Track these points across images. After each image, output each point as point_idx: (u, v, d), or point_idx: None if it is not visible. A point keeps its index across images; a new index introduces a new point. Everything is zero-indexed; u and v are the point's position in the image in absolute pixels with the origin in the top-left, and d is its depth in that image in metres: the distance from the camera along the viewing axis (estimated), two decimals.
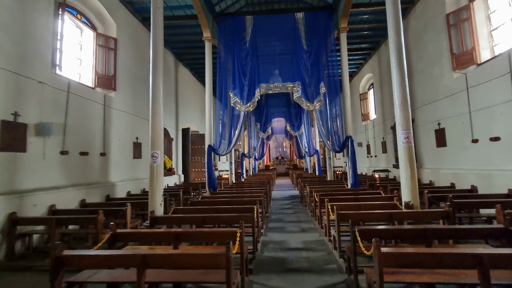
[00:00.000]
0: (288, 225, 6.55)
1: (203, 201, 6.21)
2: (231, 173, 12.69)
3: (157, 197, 5.08)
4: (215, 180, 8.81)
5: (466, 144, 7.09)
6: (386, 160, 12.54)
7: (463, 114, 7.20)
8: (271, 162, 28.26)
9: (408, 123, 4.99)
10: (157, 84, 5.30)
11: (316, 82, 8.91)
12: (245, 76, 9.22)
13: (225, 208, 5.01)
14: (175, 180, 11.82)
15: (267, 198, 8.40)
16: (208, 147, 8.90)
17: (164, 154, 10.88)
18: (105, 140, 7.42)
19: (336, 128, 8.81)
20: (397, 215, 4.06)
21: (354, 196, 6.04)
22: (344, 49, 9.10)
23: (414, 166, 4.90)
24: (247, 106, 9.10)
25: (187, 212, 5.00)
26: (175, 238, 3.14)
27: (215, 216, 4.28)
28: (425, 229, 3.02)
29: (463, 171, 7.22)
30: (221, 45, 9.53)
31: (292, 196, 12.18)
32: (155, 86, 5.29)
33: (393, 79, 5.18)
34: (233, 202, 6.08)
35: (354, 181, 8.38)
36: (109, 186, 7.38)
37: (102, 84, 7.59)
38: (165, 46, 11.62)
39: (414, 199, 4.79)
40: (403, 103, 5.02)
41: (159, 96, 5.32)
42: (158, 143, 5.20)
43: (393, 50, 5.18)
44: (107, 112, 7.60)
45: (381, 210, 4.87)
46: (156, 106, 5.23)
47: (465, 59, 7.19)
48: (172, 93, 12.46)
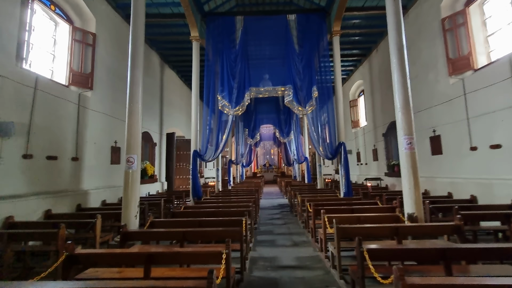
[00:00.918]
0: (278, 238, 6.01)
1: (185, 212, 5.60)
2: (217, 180, 12.07)
3: (132, 208, 4.45)
4: (200, 188, 8.19)
5: (464, 151, 6.83)
6: (377, 168, 12.27)
7: (460, 121, 6.96)
8: (259, 169, 27.73)
9: (411, 127, 4.63)
10: (135, 81, 4.74)
11: (308, 86, 8.54)
12: (234, 78, 8.75)
13: (210, 221, 4.44)
14: (157, 188, 11.09)
15: (256, 208, 7.86)
16: (194, 153, 8.31)
17: (146, 160, 10.20)
18: (78, 143, 6.72)
19: (329, 133, 8.42)
20: (404, 230, 3.61)
21: (350, 207, 5.59)
22: (337, 52, 8.79)
23: (418, 174, 4.51)
24: (235, 110, 8.60)
25: (166, 226, 4.40)
26: (147, 261, 2.56)
27: (198, 231, 3.71)
28: (444, 249, 2.57)
29: (461, 180, 6.93)
30: (210, 46, 9.04)
31: (281, 205, 11.67)
32: (134, 83, 4.73)
33: (394, 80, 4.83)
34: (219, 213, 5.51)
35: (347, 190, 7.96)
36: (81, 195, 6.65)
37: (77, 82, 6.93)
38: (151, 46, 11.07)
39: (419, 210, 4.37)
40: (405, 106, 4.66)
41: (138, 95, 4.75)
42: (134, 146, 4.61)
43: (394, 49, 4.83)
44: (82, 113, 6.92)
45: (383, 223, 4.43)
46: (134, 106, 4.65)
47: (462, 64, 6.99)
48: (156, 95, 11.82)
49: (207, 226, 4.46)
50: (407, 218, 4.42)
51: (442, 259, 2.59)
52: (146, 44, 10.76)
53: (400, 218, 4.43)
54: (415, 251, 2.60)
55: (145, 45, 10.72)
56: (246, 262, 4.31)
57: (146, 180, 10.05)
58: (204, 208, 6.16)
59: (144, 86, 10.68)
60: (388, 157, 10.97)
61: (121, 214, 4.52)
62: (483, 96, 6.32)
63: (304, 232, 6.49)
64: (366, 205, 6.08)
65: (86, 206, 6.68)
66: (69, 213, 5.91)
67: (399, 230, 3.60)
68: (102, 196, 7.37)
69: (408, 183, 4.48)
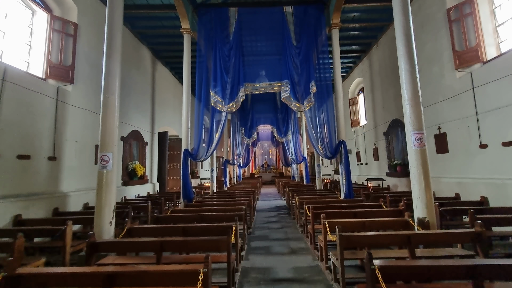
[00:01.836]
0: (274, 245, 5.51)
1: (171, 217, 5.08)
2: (212, 181, 11.54)
3: (106, 214, 3.93)
4: (191, 190, 7.67)
5: (473, 150, 6.36)
6: (378, 168, 11.80)
7: (468, 117, 6.49)
8: (257, 170, 27.23)
9: (420, 122, 4.15)
10: (112, 69, 4.22)
11: (306, 81, 8.05)
12: (228, 73, 8.25)
13: (195, 228, 3.93)
14: (148, 189, 10.55)
15: (250, 210, 7.34)
16: (184, 152, 7.79)
17: (136, 160, 9.66)
18: (56, 141, 6.18)
19: (328, 131, 7.93)
20: (417, 238, 3.11)
21: (353, 210, 5.10)
22: (337, 46, 8.32)
23: (429, 174, 4.03)
24: (229, 106, 8.09)
25: (145, 233, 3.88)
26: (105, 283, 2.05)
27: (179, 241, 3.19)
28: (475, 265, 2.07)
29: (469, 180, 6.46)
30: (202, 39, 8.54)
31: (278, 206, 11.16)
32: (109, 72, 4.22)
33: (401, 69, 4.35)
34: (208, 218, 5.00)
35: (348, 191, 7.47)
36: (59, 197, 6.11)
37: (56, 75, 6.39)
38: (141, 40, 10.54)
39: (430, 215, 3.89)
40: (414, 98, 4.17)
41: (114, 86, 4.24)
42: (110, 143, 4.09)
43: (400, 35, 4.36)
44: (61, 108, 6.38)
45: (391, 229, 3.95)
46: (109, 97, 4.13)
47: (469, 56, 6.53)
48: (147, 93, 11.29)
49: (191, 234, 3.95)
50: (417, 224, 3.94)
51: (472, 277, 2.10)
52: (136, 38, 10.25)
53: (410, 224, 3.93)
54: (440, 269, 2.10)
55: (135, 40, 10.21)
56: (236, 274, 3.79)
57: (136, 181, 9.52)
58: (193, 212, 5.65)
59: (134, 82, 10.29)
60: (389, 156, 10.50)
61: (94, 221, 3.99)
62: (493, 90, 5.86)
63: (303, 238, 5.99)
64: (370, 208, 5.59)
65: (65, 210, 6.14)
66: (42, 218, 5.36)
67: (412, 238, 3.11)
68: (84, 199, 6.83)
69: (418, 184, 4.00)
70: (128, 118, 9.40)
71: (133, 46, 10.04)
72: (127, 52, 9.54)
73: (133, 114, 9.79)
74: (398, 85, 10.01)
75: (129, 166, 9.19)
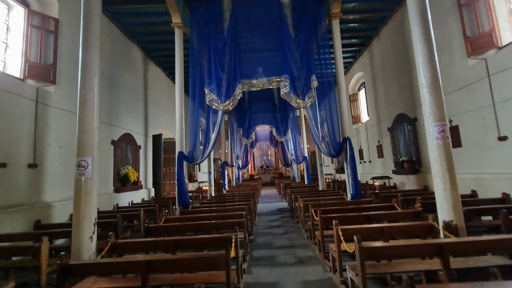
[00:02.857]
0: (279, 253, 4.99)
1: (164, 227, 4.56)
2: (210, 184, 11.02)
3: (85, 228, 3.40)
4: (187, 195, 7.14)
5: (490, 142, 5.89)
6: (383, 165, 11.32)
7: (484, 107, 6.02)
8: (256, 171, 26.72)
9: (442, 111, 3.65)
10: (89, 62, 3.69)
11: (307, 75, 7.56)
12: (223, 69, 7.73)
13: (190, 241, 3.41)
14: (143, 195, 10.01)
15: (251, 215, 6.83)
16: (179, 154, 7.26)
17: (128, 165, 9.13)
18: (37, 147, 5.64)
19: (332, 128, 7.43)
20: (452, 248, 2.61)
21: (365, 213, 4.60)
22: (338, 37, 7.83)
23: (454, 170, 3.53)
24: (225, 105, 7.58)
25: (131, 249, 3.36)
26: None
27: (169, 261, 2.67)
28: None
29: (487, 175, 5.98)
30: (194, 33, 8.03)
31: (280, 209, 10.65)
32: (87, 66, 3.69)
33: (417, 53, 3.86)
34: (204, 226, 4.49)
35: (355, 192, 6.98)
36: (42, 208, 5.58)
37: (36, 74, 5.86)
38: (131, 38, 10.02)
39: (458, 217, 3.39)
40: (433, 84, 3.68)
41: (93, 81, 3.71)
42: (88, 146, 3.56)
43: (415, 15, 3.89)
44: (42, 111, 5.85)
45: (414, 234, 3.45)
46: (87, 94, 3.60)
47: (483, 42, 6.06)
48: (140, 94, 10.76)
49: (186, 248, 3.44)
50: (443, 227, 3.44)
51: None
52: (126, 36, 9.73)
53: (435, 228, 3.43)
54: None
55: (125, 38, 9.70)
56: None
57: (129, 187, 8.98)
58: (189, 220, 5.13)
59: (125, 83, 9.73)
60: (395, 153, 10.02)
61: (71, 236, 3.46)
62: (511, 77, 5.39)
63: (309, 244, 5.47)
64: (382, 209, 5.09)
65: (48, 222, 5.61)
66: (22, 232, 4.81)
67: (446, 248, 2.60)
68: (70, 209, 6.26)
69: (442, 182, 3.50)
70: (119, 121, 8.87)
71: (122, 44, 9.52)
72: (116, 51, 9.03)
73: (124, 116, 9.26)
74: (402, 78, 9.51)
75: (121, 171, 8.65)
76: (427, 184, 8.13)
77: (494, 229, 4.83)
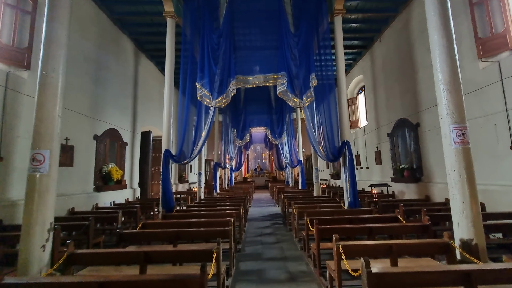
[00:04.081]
0: (269, 267, 4.45)
1: (139, 234, 3.99)
2: (199, 186, 10.44)
3: (36, 235, 2.82)
4: (171, 198, 6.57)
5: (502, 151, 5.46)
6: (380, 172, 10.88)
7: (495, 114, 5.60)
8: (249, 174, 26.16)
9: (462, 112, 3.20)
10: (55, 37, 3.16)
11: (306, 73, 7.09)
12: (217, 63, 7.23)
13: (163, 254, 2.86)
14: (127, 195, 9.39)
15: (240, 222, 6.29)
16: (165, 153, 6.71)
17: (112, 162, 8.53)
18: (4, 137, 5.05)
19: (331, 131, 6.94)
20: (480, 276, 2.11)
21: (367, 225, 4.10)
22: (340, 35, 7.39)
23: (475, 181, 3.06)
24: (218, 101, 7.06)
25: (91, 261, 2.82)
26: None
27: (127, 283, 2.12)
28: None
29: (497, 187, 5.54)
30: (187, 25, 7.51)
31: (272, 215, 10.11)
32: (51, 40, 3.16)
33: (434, 45, 3.40)
34: (186, 235, 3.94)
35: (353, 200, 6.49)
36: (5, 207, 4.97)
37: (7, 58, 5.27)
38: (121, 29, 9.46)
39: (479, 236, 2.91)
40: (453, 81, 3.22)
41: (59, 59, 3.17)
42: (47, 137, 3.00)
43: (432, 2, 3.41)
44: (12, 98, 5.26)
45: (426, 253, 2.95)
46: (48, 75, 3.05)
47: (496, 43, 5.65)
48: (129, 88, 10.18)
49: (158, 261, 2.90)
50: (460, 247, 2.95)
51: None
52: (116, 26, 9.16)
53: (451, 247, 2.93)
54: None
55: (115, 28, 9.14)
56: None
57: (112, 186, 8.36)
58: (169, 227, 4.56)
59: (112, 75, 9.04)
60: (394, 160, 9.58)
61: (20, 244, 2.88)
62: None
63: (303, 256, 4.95)
64: (385, 221, 4.60)
65: (13, 222, 4.99)
66: None
67: (473, 277, 2.10)
68: None
69: (461, 194, 3.02)
70: (103, 115, 8.27)
71: (111, 34, 8.95)
72: (104, 40, 8.45)
73: (110, 110, 8.67)
74: (405, 81, 9.03)
75: (103, 169, 8.04)
76: (429, 194, 7.68)
77: (503, 246, 4.38)
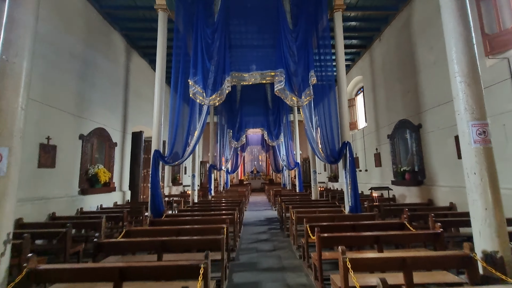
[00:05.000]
0: (265, 279, 4.05)
1: (120, 244, 3.56)
2: (193, 189, 10.02)
3: None
4: (161, 202, 6.15)
5: (510, 153, 5.15)
6: (380, 175, 10.56)
7: (503, 113, 5.30)
8: (246, 176, 25.74)
9: (483, 107, 2.86)
10: (20, 18, 2.80)
11: (304, 70, 6.75)
12: (211, 59, 6.85)
13: (143, 271, 2.45)
14: (116, 199, 8.93)
15: (235, 227, 5.88)
16: (154, 153, 6.30)
17: (100, 164, 8.08)
18: None
19: (331, 131, 6.60)
20: None
21: (373, 233, 3.73)
22: (340, 31, 7.07)
23: (498, 184, 2.71)
24: (212, 99, 6.68)
25: (57, 277, 2.39)
26: None
27: None
28: None
29: (506, 191, 5.21)
30: (180, 18, 7.12)
31: (268, 219, 9.72)
32: (15, 20, 2.81)
33: (449, 34, 3.08)
34: (173, 244, 3.53)
35: (354, 204, 6.14)
36: None
37: None
38: (112, 24, 9.05)
39: (504, 247, 2.55)
40: (472, 73, 2.87)
41: (24, 43, 2.77)
42: (4, 133, 2.58)
43: None
44: None
45: (446, 268, 2.59)
46: (10, 61, 2.65)
47: (504, 40, 5.36)
48: (120, 86, 9.75)
49: (136, 278, 2.49)
50: (483, 259, 2.59)
51: None
52: (106, 21, 8.75)
53: (473, 260, 2.58)
54: None
55: (105, 23, 8.73)
56: None
57: (99, 189, 7.89)
58: (156, 235, 4.14)
59: (101, 72, 8.51)
60: (395, 162, 9.27)
61: None
62: None
63: (302, 267, 4.56)
64: (392, 228, 4.24)
65: None
66: None
67: None
68: (20, 213, 5.22)
69: (483, 199, 2.66)
70: (90, 113, 7.83)
71: (101, 29, 8.53)
72: (93, 35, 8.02)
73: (98, 109, 8.22)
74: (406, 81, 8.71)
75: (89, 170, 7.58)
76: (432, 198, 7.36)
77: None
